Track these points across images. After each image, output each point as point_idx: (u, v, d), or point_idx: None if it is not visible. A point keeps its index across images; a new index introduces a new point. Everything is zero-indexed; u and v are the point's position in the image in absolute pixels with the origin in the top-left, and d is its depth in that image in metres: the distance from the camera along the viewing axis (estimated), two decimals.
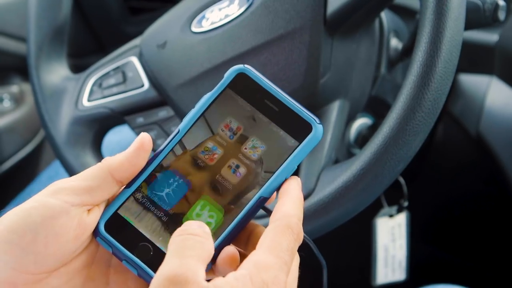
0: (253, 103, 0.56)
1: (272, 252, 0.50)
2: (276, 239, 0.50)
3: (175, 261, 0.48)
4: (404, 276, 1.07)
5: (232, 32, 0.84)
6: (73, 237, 0.52)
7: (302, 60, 0.81)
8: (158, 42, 0.90)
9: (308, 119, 0.55)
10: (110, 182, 0.54)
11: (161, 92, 0.88)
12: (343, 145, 0.88)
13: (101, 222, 0.54)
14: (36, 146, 1.45)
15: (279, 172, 0.54)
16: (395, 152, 0.70)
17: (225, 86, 0.56)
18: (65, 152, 0.89)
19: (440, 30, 0.70)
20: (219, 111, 0.56)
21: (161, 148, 0.56)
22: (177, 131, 0.56)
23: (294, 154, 0.55)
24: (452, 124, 1.05)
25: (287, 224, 0.51)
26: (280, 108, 0.55)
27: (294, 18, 0.81)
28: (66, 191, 0.52)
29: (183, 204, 0.55)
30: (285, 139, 0.55)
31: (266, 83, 0.56)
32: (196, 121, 0.56)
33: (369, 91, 0.89)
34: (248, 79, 0.56)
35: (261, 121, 0.55)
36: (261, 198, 0.54)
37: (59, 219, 0.51)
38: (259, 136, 0.55)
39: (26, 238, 0.50)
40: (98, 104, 0.90)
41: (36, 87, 0.93)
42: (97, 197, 0.53)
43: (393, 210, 1.04)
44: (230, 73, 0.56)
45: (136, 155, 0.54)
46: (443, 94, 0.71)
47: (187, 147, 0.56)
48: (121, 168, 0.54)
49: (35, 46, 0.94)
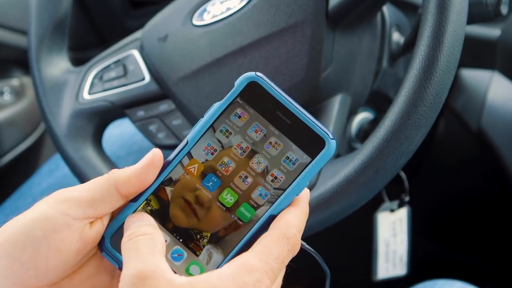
0: (264, 114, 0.53)
1: (260, 257, 0.49)
2: (269, 245, 0.50)
3: (135, 260, 0.48)
4: (405, 271, 1.07)
5: (234, 26, 0.84)
6: (74, 250, 0.51)
7: (304, 53, 0.80)
8: (159, 35, 0.89)
9: (321, 133, 0.53)
10: (114, 196, 0.53)
11: (162, 86, 0.88)
12: (344, 140, 0.88)
13: (106, 237, 0.53)
14: (37, 139, 1.45)
15: (289, 191, 0.53)
16: (397, 146, 0.70)
17: (235, 95, 0.54)
18: (66, 145, 0.89)
19: (443, 24, 0.69)
20: (228, 122, 0.54)
21: (169, 159, 0.54)
22: (186, 142, 0.54)
23: (306, 171, 0.53)
24: (453, 119, 1.05)
25: (284, 233, 0.51)
26: (293, 120, 0.53)
27: (296, 12, 0.81)
28: (69, 203, 0.51)
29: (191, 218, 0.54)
30: (297, 154, 0.53)
31: (279, 93, 0.53)
32: (205, 132, 0.54)
33: (371, 85, 0.89)
34: (259, 89, 0.53)
35: (272, 134, 0.54)
36: (271, 216, 0.53)
37: (60, 233, 0.50)
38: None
39: (27, 252, 0.50)
40: (98, 97, 0.90)
41: (37, 80, 0.93)
42: (100, 210, 0.52)
43: (394, 204, 1.04)
44: (241, 81, 0.54)
45: (144, 172, 0.53)
46: (445, 88, 0.70)
47: (196, 158, 0.54)
48: (127, 183, 0.53)
49: (36, 39, 0.94)
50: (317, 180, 0.75)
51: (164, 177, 0.54)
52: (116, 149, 1.14)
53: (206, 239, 0.53)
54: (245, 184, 0.54)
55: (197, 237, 0.54)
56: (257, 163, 0.54)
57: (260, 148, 0.54)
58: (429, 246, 1.28)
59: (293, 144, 0.53)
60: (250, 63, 0.82)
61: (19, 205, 1.12)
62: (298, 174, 0.53)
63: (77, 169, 0.88)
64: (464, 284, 0.90)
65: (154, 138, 0.89)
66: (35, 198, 1.12)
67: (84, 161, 0.88)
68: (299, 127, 0.53)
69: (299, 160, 0.53)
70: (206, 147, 0.54)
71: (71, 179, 1.08)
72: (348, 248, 1.34)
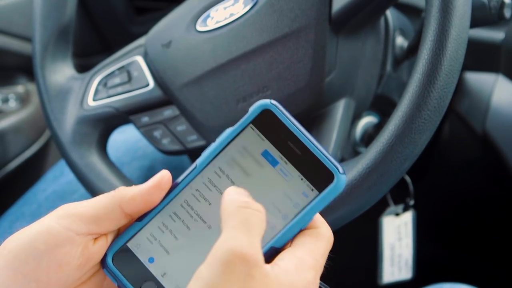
0: (275, 143, 0.52)
1: (311, 254, 0.51)
2: (313, 244, 0.52)
3: (244, 237, 0.46)
4: (410, 275, 1.06)
5: (237, 31, 0.84)
6: (76, 266, 0.51)
7: (307, 58, 0.80)
8: (163, 41, 0.90)
9: (331, 167, 0.51)
10: (118, 214, 0.52)
11: (166, 92, 0.88)
12: (348, 144, 0.88)
13: (108, 254, 0.53)
14: (42, 146, 1.45)
15: (293, 223, 0.51)
16: (401, 150, 0.70)
17: (248, 122, 0.53)
18: (71, 151, 0.89)
19: (446, 28, 0.69)
20: (239, 148, 0.53)
21: (177, 181, 0.53)
22: (194, 166, 0.53)
23: (312, 204, 0.51)
24: (458, 122, 1.05)
25: (321, 233, 0.52)
26: (303, 152, 0.52)
27: (299, 17, 0.81)
28: (73, 218, 0.51)
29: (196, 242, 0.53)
30: (305, 187, 0.52)
31: (292, 123, 0.52)
32: (215, 157, 0.53)
33: (375, 89, 0.89)
34: (273, 117, 0.52)
35: (282, 164, 0.52)
36: (272, 248, 0.51)
37: (63, 248, 0.50)
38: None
39: (29, 265, 0.50)
40: (103, 103, 0.90)
41: (42, 86, 0.93)
42: (104, 227, 0.52)
43: (399, 208, 1.04)
44: (255, 108, 0.52)
45: (151, 193, 0.53)
46: (449, 92, 0.70)
47: (204, 182, 0.53)
48: (132, 202, 0.52)
49: (41, 45, 0.94)
50: None
51: (171, 199, 0.53)
52: (121, 155, 1.14)
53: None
54: None
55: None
56: (265, 191, 0.52)
57: (268, 178, 0.53)
58: (434, 249, 1.28)
59: (301, 175, 0.52)
60: (254, 68, 0.82)
61: (24, 211, 1.12)
62: (304, 207, 0.52)
63: (82, 175, 0.89)
64: (471, 287, 0.89)
65: (159, 144, 0.89)
66: (40, 204, 1.12)
67: (89, 167, 0.88)
68: (309, 159, 0.52)
69: (306, 193, 0.52)
70: (215, 173, 0.53)
71: (76, 185, 1.08)
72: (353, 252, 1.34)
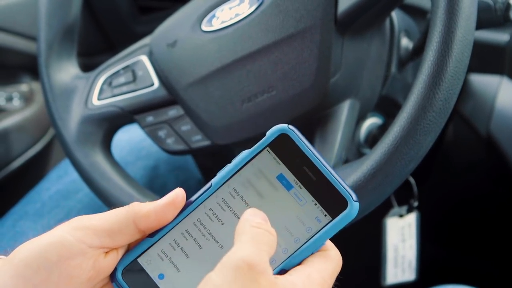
0: (291, 167, 0.53)
1: (320, 274, 0.52)
2: (322, 265, 0.52)
3: (253, 249, 0.48)
4: (414, 276, 1.06)
5: (243, 31, 0.84)
6: (86, 278, 0.51)
7: (312, 59, 0.80)
8: (168, 41, 0.90)
9: (345, 194, 0.52)
10: (131, 229, 0.53)
11: (171, 91, 0.88)
12: (353, 145, 0.88)
13: (119, 268, 0.53)
14: (46, 145, 1.45)
15: (305, 247, 0.52)
16: (406, 151, 0.70)
17: (265, 145, 0.53)
18: (75, 151, 0.89)
19: (452, 30, 0.69)
20: (254, 171, 0.53)
21: (191, 200, 0.54)
22: (209, 186, 0.54)
23: (325, 230, 0.52)
24: (462, 124, 1.05)
25: (329, 254, 0.53)
26: (318, 177, 0.52)
27: (305, 17, 0.81)
28: (87, 231, 0.51)
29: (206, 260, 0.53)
30: (318, 212, 0.52)
31: (308, 148, 0.53)
32: (230, 177, 0.53)
33: (380, 90, 0.88)
34: (290, 141, 0.53)
35: (296, 189, 0.53)
36: (283, 271, 0.52)
37: (74, 260, 0.51)
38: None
39: (40, 275, 0.50)
40: (108, 103, 0.90)
41: (46, 85, 0.93)
42: (117, 241, 0.52)
43: (403, 210, 1.04)
44: (273, 132, 0.53)
45: (165, 210, 0.53)
46: (454, 94, 0.70)
47: (218, 203, 0.53)
48: (147, 219, 0.52)
49: (46, 44, 0.94)
50: None
51: (184, 217, 0.54)
52: (125, 154, 1.14)
53: None
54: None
55: None
56: (278, 214, 0.53)
57: (282, 201, 0.53)
58: (438, 251, 1.28)
59: (315, 201, 0.52)
60: (259, 68, 0.82)
61: (28, 210, 1.12)
62: (316, 232, 0.52)
63: (86, 174, 0.89)
64: None
65: (163, 144, 0.89)
66: (43, 203, 1.12)
67: (93, 166, 0.88)
68: (323, 185, 0.52)
69: (319, 218, 0.52)
70: (229, 193, 0.54)
71: (80, 184, 1.08)
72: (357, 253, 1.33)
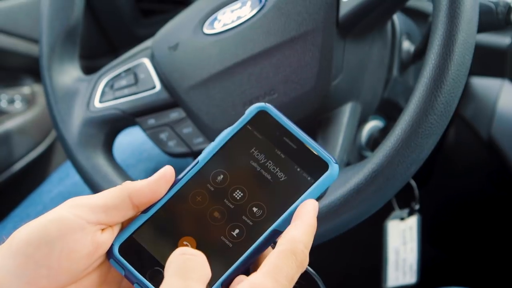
0: (271, 139, 0.56)
1: (271, 276, 0.49)
2: (278, 263, 0.50)
3: (179, 282, 0.48)
4: (415, 280, 1.06)
5: (244, 34, 0.84)
6: (86, 254, 0.52)
7: (314, 62, 0.81)
8: (170, 43, 0.90)
9: (325, 158, 0.56)
10: (127, 205, 0.54)
11: (173, 94, 0.88)
12: (354, 148, 0.88)
13: (115, 244, 0.54)
14: (47, 147, 1.45)
15: (293, 207, 0.55)
16: (407, 154, 0.70)
17: (245, 122, 0.57)
18: (77, 153, 0.89)
19: (453, 33, 0.69)
20: (238, 145, 0.57)
21: (180, 177, 0.56)
22: (196, 162, 0.56)
23: (309, 191, 0.55)
24: (463, 128, 1.05)
25: (292, 249, 0.51)
26: (298, 146, 0.56)
27: (307, 20, 0.81)
28: (83, 208, 0.52)
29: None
30: (301, 176, 0.56)
31: (286, 121, 0.56)
32: (215, 153, 0.56)
33: (381, 93, 0.89)
34: (268, 117, 0.57)
35: (278, 157, 0.56)
36: (275, 231, 0.54)
37: (74, 235, 0.51)
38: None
39: (41, 251, 0.50)
40: (109, 105, 0.90)
41: (48, 88, 0.93)
42: (113, 217, 0.53)
43: (404, 213, 1.04)
44: (251, 110, 0.57)
45: (157, 184, 0.55)
46: (456, 97, 0.70)
47: (206, 177, 0.56)
48: (141, 193, 0.54)
49: (48, 47, 0.94)
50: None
51: (175, 192, 0.56)
52: (126, 157, 1.15)
53: (210, 251, 0.54)
54: (251, 201, 0.55)
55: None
56: (264, 183, 0.56)
57: (266, 170, 0.56)
58: (439, 254, 1.28)
59: (298, 167, 0.56)
60: (261, 71, 0.82)
61: (30, 213, 1.12)
62: (302, 193, 0.55)
63: (88, 177, 0.89)
64: None
65: (165, 146, 0.89)
66: (45, 205, 1.12)
67: (95, 169, 0.88)
68: (304, 152, 0.56)
69: (303, 182, 0.55)
70: (216, 167, 0.56)
71: (82, 187, 1.08)
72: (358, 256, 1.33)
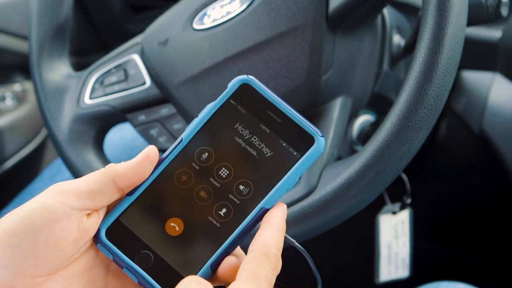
0: (256, 114, 0.55)
1: (251, 283, 0.50)
2: (254, 269, 0.50)
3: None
4: (407, 273, 1.06)
5: (234, 29, 0.84)
6: (72, 240, 0.52)
7: (304, 57, 0.80)
8: (159, 39, 0.89)
9: (311, 131, 0.54)
10: (111, 189, 0.54)
11: (163, 90, 0.88)
12: (345, 142, 0.88)
13: (102, 229, 0.54)
14: (39, 145, 1.45)
15: (280, 184, 0.54)
16: (398, 148, 0.70)
17: (228, 96, 0.56)
18: (67, 150, 0.89)
19: (442, 26, 0.69)
20: (222, 121, 0.56)
21: (164, 156, 0.55)
22: (180, 140, 0.56)
23: (296, 166, 0.54)
24: (455, 121, 1.05)
25: (265, 253, 0.51)
26: (283, 119, 0.55)
27: (296, 15, 0.81)
28: (68, 194, 0.52)
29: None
30: (287, 151, 0.55)
31: (270, 94, 0.55)
32: (198, 130, 0.56)
33: (372, 88, 0.89)
34: (251, 90, 0.55)
35: (263, 132, 0.55)
36: (263, 209, 0.54)
37: (59, 222, 0.51)
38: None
39: (27, 241, 0.50)
40: (99, 101, 0.90)
41: (38, 85, 0.93)
42: (98, 202, 0.53)
43: (396, 207, 1.04)
44: (234, 83, 0.56)
45: (141, 166, 0.54)
46: (446, 91, 0.70)
47: (190, 155, 0.55)
48: (124, 176, 0.54)
49: (37, 44, 0.94)
50: (318, 182, 0.75)
51: (159, 173, 0.55)
52: (117, 153, 1.14)
53: (197, 231, 0.54)
54: (237, 179, 0.55)
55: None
56: (249, 159, 0.55)
57: (251, 146, 0.55)
58: (431, 248, 1.28)
59: (284, 141, 0.55)
60: (251, 66, 0.82)
61: None
62: (288, 169, 0.54)
63: (78, 173, 0.88)
64: (467, 286, 0.89)
65: (155, 142, 0.89)
66: None
67: (86, 165, 0.88)
68: (289, 126, 0.55)
69: (289, 157, 0.55)
70: (200, 145, 0.55)
71: None
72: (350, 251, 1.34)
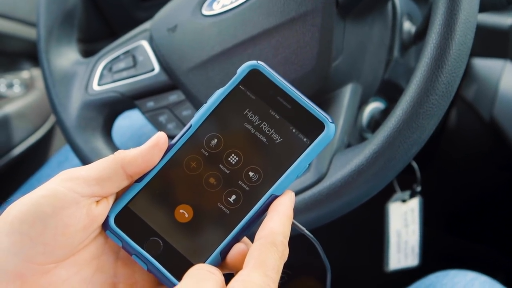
0: (265, 100, 0.55)
1: (259, 271, 0.50)
2: (262, 257, 0.50)
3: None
4: (417, 262, 1.06)
5: (243, 15, 0.83)
6: (81, 227, 0.52)
7: (314, 43, 0.80)
8: (168, 25, 0.89)
9: (321, 117, 0.54)
10: (120, 175, 0.54)
11: (172, 76, 0.88)
12: (355, 129, 0.88)
13: (111, 216, 0.54)
14: (47, 132, 1.45)
15: (290, 171, 0.54)
16: (409, 135, 0.70)
17: (237, 82, 0.55)
18: (75, 136, 0.89)
19: (454, 12, 0.69)
20: (231, 107, 0.55)
21: (173, 143, 0.55)
22: (189, 126, 0.55)
23: (306, 152, 0.54)
24: (465, 109, 1.05)
25: (272, 241, 0.51)
26: (293, 105, 0.55)
27: (306, 1, 0.80)
28: (77, 181, 0.52)
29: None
30: (297, 137, 0.54)
31: (279, 80, 0.55)
32: (208, 116, 0.55)
33: (382, 74, 0.88)
34: (261, 76, 0.55)
35: (273, 118, 0.55)
36: (272, 196, 0.54)
37: (68, 209, 0.51)
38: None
39: (36, 228, 0.50)
40: (108, 88, 0.90)
41: (46, 71, 0.92)
42: (107, 188, 0.53)
43: (406, 195, 1.04)
44: (243, 69, 0.56)
45: (150, 153, 0.54)
46: (457, 77, 0.70)
47: (200, 142, 0.55)
48: (134, 163, 0.54)
49: (45, 30, 0.93)
50: (328, 169, 0.75)
51: (168, 159, 0.55)
52: (126, 140, 1.14)
53: (207, 218, 0.54)
54: (247, 165, 0.55)
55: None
56: (259, 145, 0.55)
57: (261, 132, 0.55)
58: (441, 236, 1.28)
59: (294, 127, 0.54)
60: (260, 52, 0.82)
61: None
62: (298, 156, 0.54)
63: (87, 160, 0.88)
64: (477, 274, 0.89)
65: (164, 129, 0.89)
66: None
67: (94, 152, 0.88)
68: (299, 112, 0.55)
69: (299, 143, 0.54)
70: (209, 131, 0.55)
71: None
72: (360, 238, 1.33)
